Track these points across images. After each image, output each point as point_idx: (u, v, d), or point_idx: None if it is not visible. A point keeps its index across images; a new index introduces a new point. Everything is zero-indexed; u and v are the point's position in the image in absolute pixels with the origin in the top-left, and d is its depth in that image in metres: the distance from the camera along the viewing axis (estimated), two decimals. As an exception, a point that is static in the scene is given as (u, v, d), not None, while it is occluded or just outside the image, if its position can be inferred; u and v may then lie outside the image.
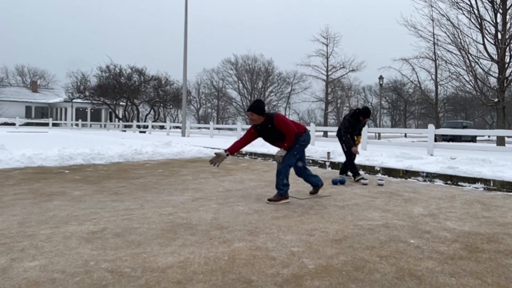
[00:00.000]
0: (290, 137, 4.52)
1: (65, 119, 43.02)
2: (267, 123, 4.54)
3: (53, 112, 47.79)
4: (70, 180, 6.01)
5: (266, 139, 4.76)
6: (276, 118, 4.53)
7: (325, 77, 34.72)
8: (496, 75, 17.23)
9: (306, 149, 4.94)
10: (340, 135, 6.74)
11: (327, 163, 8.59)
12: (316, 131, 14.00)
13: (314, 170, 6.63)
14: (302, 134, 4.71)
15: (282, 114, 4.71)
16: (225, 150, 4.61)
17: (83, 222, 3.54)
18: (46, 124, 35.95)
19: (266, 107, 4.61)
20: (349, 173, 6.82)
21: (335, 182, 6.10)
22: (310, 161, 8.83)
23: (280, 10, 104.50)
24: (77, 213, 3.88)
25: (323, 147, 10.85)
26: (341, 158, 8.67)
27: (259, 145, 10.50)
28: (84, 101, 38.74)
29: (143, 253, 2.74)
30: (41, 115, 46.98)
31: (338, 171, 7.49)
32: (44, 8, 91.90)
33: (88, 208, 4.11)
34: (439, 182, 6.53)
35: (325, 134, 31.64)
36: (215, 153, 4.62)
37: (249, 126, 5.07)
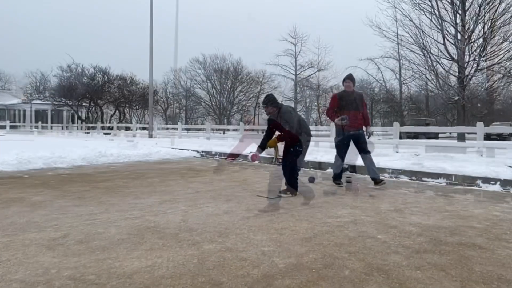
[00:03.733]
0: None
1: (24, 122, 41.11)
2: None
3: (11, 114, 45.53)
4: (30, 185, 5.73)
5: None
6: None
7: (293, 77, 35.06)
8: (456, 74, 17.94)
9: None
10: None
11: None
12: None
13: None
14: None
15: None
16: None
17: (43, 228, 3.37)
18: (3, 127, 34.16)
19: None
20: (347, 178, 6.41)
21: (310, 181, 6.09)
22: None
23: (249, 10, 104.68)
24: (37, 219, 3.69)
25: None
26: (322, 158, 8.26)
27: (229, 146, 10.45)
28: (44, 102, 37.16)
29: (108, 259, 2.63)
30: (-4, 117, 44.70)
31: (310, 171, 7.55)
32: (6, 5, 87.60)
33: (49, 214, 3.92)
34: (404, 178, 6.71)
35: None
36: (217, 162, 4.76)
37: (217, 126, 5.23)
